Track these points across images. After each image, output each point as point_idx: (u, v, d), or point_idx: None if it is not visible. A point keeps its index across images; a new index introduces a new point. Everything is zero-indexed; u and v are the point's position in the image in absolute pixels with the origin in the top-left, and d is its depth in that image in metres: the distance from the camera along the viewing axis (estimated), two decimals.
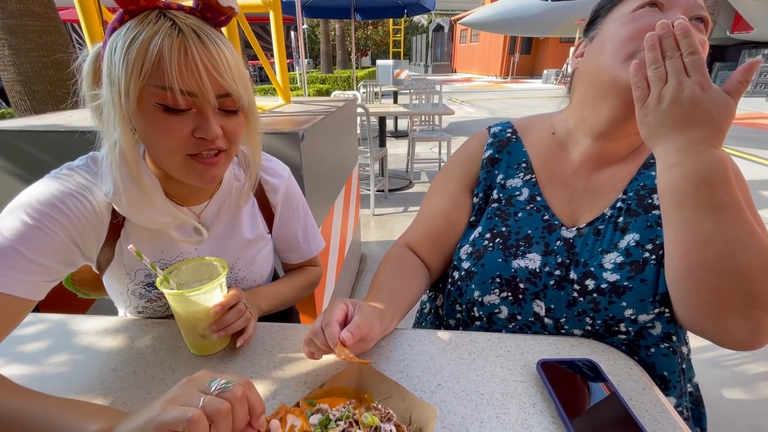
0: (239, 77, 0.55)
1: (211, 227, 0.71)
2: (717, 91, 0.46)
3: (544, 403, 0.51)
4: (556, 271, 0.63)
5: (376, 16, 7.80)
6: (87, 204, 0.58)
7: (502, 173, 0.74)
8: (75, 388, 0.54)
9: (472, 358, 0.59)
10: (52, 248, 0.54)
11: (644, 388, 0.53)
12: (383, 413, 0.43)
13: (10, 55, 2.68)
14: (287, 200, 0.81)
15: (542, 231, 0.67)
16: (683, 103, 0.47)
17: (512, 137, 0.76)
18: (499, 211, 0.71)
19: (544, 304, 0.64)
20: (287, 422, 0.43)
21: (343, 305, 0.55)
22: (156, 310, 0.72)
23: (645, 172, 0.65)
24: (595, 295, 0.60)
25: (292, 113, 1.53)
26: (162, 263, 0.68)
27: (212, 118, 0.54)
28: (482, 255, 0.68)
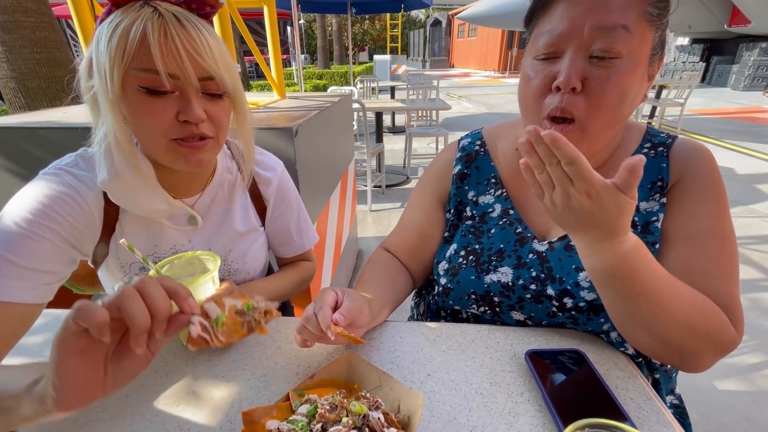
0: (221, 61, 0.56)
1: (204, 219, 0.72)
2: (606, 194, 0.42)
3: (532, 392, 0.52)
4: (531, 285, 0.63)
5: (373, 10, 7.76)
6: (75, 205, 0.58)
7: (473, 189, 0.74)
8: None
9: (462, 349, 0.60)
10: (44, 253, 0.55)
11: (630, 377, 0.54)
12: (371, 401, 0.44)
13: (3, 51, 2.66)
14: (280, 194, 0.81)
15: (514, 244, 0.67)
16: (575, 211, 0.44)
17: (480, 150, 0.76)
18: (473, 228, 0.72)
19: (522, 314, 0.65)
20: (225, 304, 0.45)
21: (333, 292, 0.56)
22: None
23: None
24: (573, 313, 0.61)
25: (287, 108, 1.53)
26: (155, 257, 0.69)
27: (195, 101, 0.55)
28: (457, 272, 0.68)
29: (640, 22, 0.50)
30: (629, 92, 0.52)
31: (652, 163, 0.61)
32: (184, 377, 0.55)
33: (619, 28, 0.49)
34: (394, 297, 0.69)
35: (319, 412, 0.41)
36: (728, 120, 6.67)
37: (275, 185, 0.80)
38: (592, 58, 0.51)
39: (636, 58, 0.51)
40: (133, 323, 0.35)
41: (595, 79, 0.51)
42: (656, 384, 0.65)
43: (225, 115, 0.61)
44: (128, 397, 0.52)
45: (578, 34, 0.51)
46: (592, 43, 0.51)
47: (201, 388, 0.53)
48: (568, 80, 0.51)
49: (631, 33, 0.50)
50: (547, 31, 0.54)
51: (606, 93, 0.51)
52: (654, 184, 0.61)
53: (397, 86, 6.52)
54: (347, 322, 0.51)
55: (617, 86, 0.51)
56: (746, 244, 2.62)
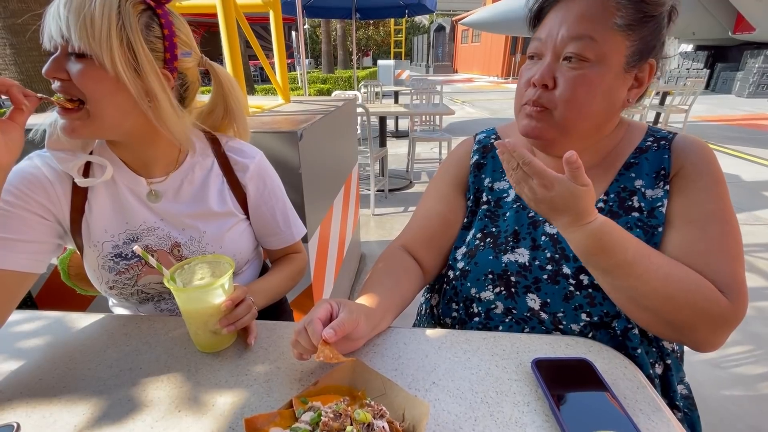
0: (78, 19, 0.55)
1: (175, 198, 0.74)
2: (559, 184, 0.52)
3: (538, 402, 0.51)
4: (547, 266, 0.65)
5: (377, 16, 7.79)
6: (38, 183, 0.65)
7: (489, 176, 0.78)
8: (71, 384, 0.54)
9: (467, 357, 0.59)
10: (21, 225, 0.62)
11: (638, 387, 0.53)
12: (376, 410, 0.43)
13: (12, 54, 2.68)
14: (260, 181, 0.81)
15: (528, 227, 0.70)
16: (541, 202, 0.54)
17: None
18: (489, 212, 0.75)
19: (538, 297, 0.65)
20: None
21: (327, 305, 0.55)
22: (125, 284, 0.73)
23: (625, 173, 0.67)
24: (590, 290, 0.62)
25: (292, 112, 1.54)
26: (128, 234, 0.71)
27: (55, 59, 0.57)
28: (475, 254, 0.71)
29: (608, 32, 0.57)
30: (596, 89, 0.58)
31: (655, 155, 0.67)
32: (187, 382, 0.55)
33: (585, 38, 0.57)
34: (399, 302, 0.69)
35: (322, 420, 0.41)
36: (733, 127, 6.64)
37: (253, 171, 0.80)
38: (564, 60, 0.59)
39: (605, 63, 0.58)
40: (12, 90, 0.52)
41: (564, 76, 0.59)
42: (668, 370, 0.66)
43: (87, 80, 0.57)
44: (130, 401, 0.51)
45: (553, 41, 0.60)
46: (564, 48, 0.59)
47: (203, 394, 0.53)
48: (540, 78, 0.60)
49: (598, 42, 0.57)
50: (536, 37, 0.63)
51: (572, 88, 0.58)
52: (658, 173, 0.65)
53: (400, 91, 6.54)
54: (338, 337, 0.51)
55: (583, 84, 0.58)
56: (751, 251, 2.60)
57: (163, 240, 0.73)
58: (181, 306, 0.59)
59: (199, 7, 1.59)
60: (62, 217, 0.68)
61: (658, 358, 0.65)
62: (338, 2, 6.49)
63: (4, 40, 2.65)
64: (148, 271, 0.73)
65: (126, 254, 0.71)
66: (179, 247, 0.74)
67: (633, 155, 0.68)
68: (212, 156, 0.78)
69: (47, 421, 0.49)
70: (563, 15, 0.59)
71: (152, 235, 0.72)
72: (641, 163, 0.67)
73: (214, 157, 0.78)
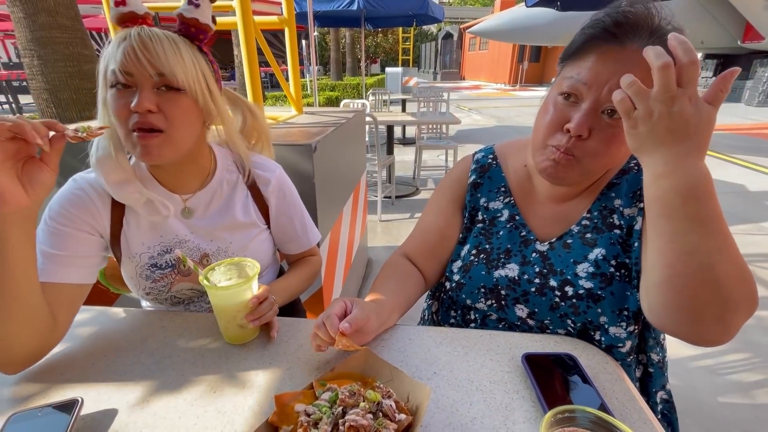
0: (174, 59, 0.65)
1: (205, 213, 0.82)
2: (702, 104, 0.47)
3: (527, 390, 0.58)
4: (535, 279, 0.71)
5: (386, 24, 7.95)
6: (81, 203, 0.72)
7: (485, 196, 0.83)
8: (119, 369, 0.63)
9: (465, 351, 0.66)
10: (77, 243, 0.70)
11: (616, 380, 0.60)
12: (384, 391, 0.51)
13: (39, 65, 2.83)
14: (280, 192, 0.90)
15: (519, 245, 0.76)
16: (673, 118, 0.47)
17: (492, 162, 0.85)
18: (483, 230, 0.80)
19: (526, 308, 0.71)
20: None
21: (342, 302, 0.63)
22: (160, 291, 0.81)
23: (607, 192, 0.72)
24: (574, 300, 0.68)
25: (305, 125, 1.63)
26: (163, 246, 0.79)
27: (144, 93, 0.64)
28: (469, 269, 0.77)
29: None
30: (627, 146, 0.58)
31: (635, 177, 0.71)
32: (219, 369, 0.63)
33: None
34: (404, 302, 0.76)
35: (340, 397, 0.48)
36: (741, 136, 6.63)
37: (274, 184, 0.88)
38: (603, 113, 0.59)
39: None
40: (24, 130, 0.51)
41: (601, 132, 0.60)
42: (649, 377, 0.72)
43: (179, 111, 0.67)
44: (171, 383, 0.60)
45: (598, 91, 0.58)
46: (607, 102, 0.58)
47: (234, 378, 0.61)
48: (578, 128, 0.60)
49: None
50: (575, 75, 0.61)
51: (607, 146, 0.61)
52: (635, 193, 0.69)
53: (408, 99, 6.65)
54: (353, 330, 0.59)
55: (617, 142, 0.60)
56: (755, 261, 2.63)
57: (192, 251, 0.81)
58: (213, 302, 0.67)
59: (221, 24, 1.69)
60: (104, 232, 0.76)
61: (638, 364, 0.72)
62: (348, 12, 6.64)
63: (32, 51, 2.80)
64: (180, 279, 0.82)
65: (161, 264, 0.79)
66: (208, 257, 0.82)
67: (616, 176, 0.72)
68: (237, 171, 0.86)
69: (102, 398, 0.57)
70: (613, 66, 0.57)
71: (183, 247, 0.80)
72: (622, 183, 0.71)
73: (239, 173, 0.86)
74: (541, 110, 0.68)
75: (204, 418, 0.54)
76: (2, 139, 0.52)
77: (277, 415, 0.48)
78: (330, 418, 0.46)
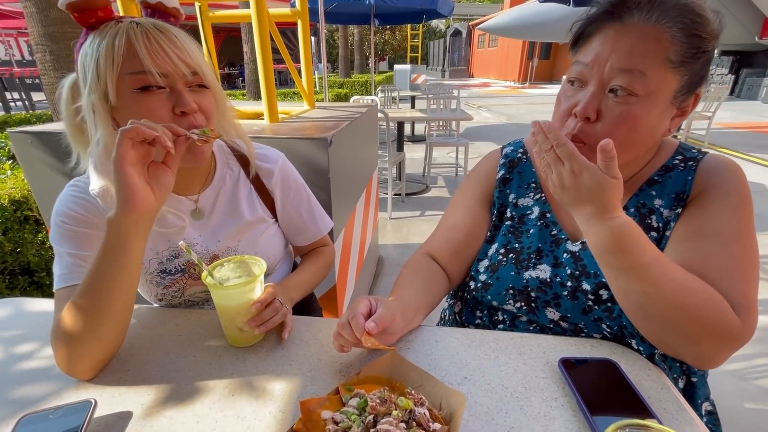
0: (200, 57, 0.64)
1: (211, 213, 0.78)
2: (588, 172, 0.51)
3: (566, 398, 0.54)
4: (568, 282, 0.67)
5: (395, 21, 7.88)
6: (89, 204, 0.68)
7: (514, 192, 0.78)
8: (133, 368, 0.60)
9: (496, 355, 0.62)
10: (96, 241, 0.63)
11: (662, 388, 0.56)
12: (416, 398, 0.47)
13: (51, 60, 2.83)
14: (285, 184, 0.86)
15: (551, 245, 0.71)
16: (568, 189, 0.54)
17: (522, 157, 0.81)
18: (512, 228, 0.76)
19: (558, 311, 0.67)
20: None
21: (366, 301, 0.60)
22: (173, 296, 0.78)
23: (647, 189, 0.67)
24: (609, 304, 0.63)
25: (319, 119, 1.59)
26: (171, 251, 0.75)
27: (186, 93, 0.62)
28: (497, 269, 0.73)
29: (660, 68, 0.55)
30: (641, 127, 0.57)
31: (679, 176, 0.65)
32: (237, 370, 0.60)
33: (636, 72, 0.54)
34: (428, 302, 0.72)
35: (370, 404, 0.45)
36: (759, 134, 6.46)
37: (278, 176, 0.84)
38: (610, 92, 0.57)
39: (653, 99, 0.56)
40: (156, 129, 0.53)
41: (608, 112, 0.57)
42: (693, 387, 0.67)
43: (211, 106, 0.67)
44: (187, 384, 0.57)
45: (600, 70, 0.57)
46: (611, 80, 0.56)
47: (253, 380, 0.57)
48: (583, 110, 0.58)
49: (648, 77, 0.54)
50: (580, 61, 0.60)
51: (617, 126, 0.57)
52: (678, 195, 0.65)
53: (417, 96, 6.60)
54: (379, 330, 0.55)
55: (628, 121, 0.56)
56: None
57: (201, 254, 0.77)
58: (215, 300, 0.64)
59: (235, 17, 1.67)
60: None
61: (681, 373, 0.67)
62: (357, 8, 6.60)
63: (44, 47, 2.80)
64: (192, 283, 0.78)
65: (170, 270, 0.76)
66: (217, 258, 0.78)
67: (658, 172, 0.67)
68: (238, 165, 0.83)
69: (117, 400, 0.54)
70: (613, 43, 0.56)
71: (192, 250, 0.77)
72: (665, 181, 0.66)
73: (240, 166, 0.83)
74: (556, 101, 0.66)
75: (223, 423, 0.50)
76: (137, 142, 0.52)
77: (302, 423, 0.45)
78: (360, 427, 0.43)
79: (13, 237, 1.60)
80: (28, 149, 1.32)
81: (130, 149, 0.52)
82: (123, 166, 0.52)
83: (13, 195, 1.61)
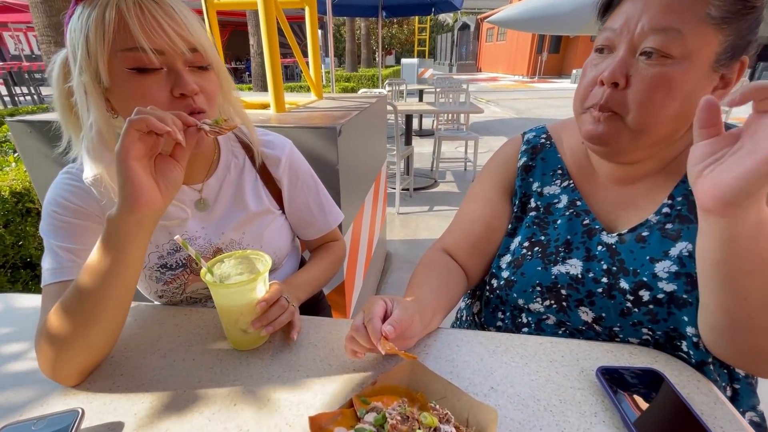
0: (201, 32, 0.57)
1: (215, 203, 0.72)
2: None
3: (606, 413, 0.48)
4: (602, 278, 0.60)
5: (403, 13, 7.77)
6: (84, 194, 0.63)
7: (538, 181, 0.72)
8: (127, 372, 0.55)
9: (525, 362, 0.56)
10: (91, 235, 0.60)
11: (716, 403, 0.49)
12: (441, 414, 0.42)
13: (56, 51, 2.80)
14: (293, 172, 0.80)
15: (582, 236, 0.64)
16: None
17: (546, 143, 0.74)
18: (537, 219, 0.70)
19: (592, 312, 0.61)
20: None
21: (382, 302, 0.54)
22: (174, 293, 0.73)
23: None
24: (651, 306, 0.56)
25: (327, 108, 1.53)
26: (172, 245, 0.70)
27: (185, 73, 0.56)
28: (521, 264, 0.66)
29: (699, 25, 0.48)
30: (678, 92, 0.51)
31: None
32: (240, 376, 0.54)
33: (671, 31, 0.49)
34: (446, 302, 0.67)
35: (390, 422, 0.39)
36: None
37: (285, 164, 0.79)
38: (641, 55, 0.51)
39: (691, 61, 0.49)
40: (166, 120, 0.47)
41: (639, 76, 0.52)
42: (735, 395, 0.60)
43: (214, 88, 0.61)
44: (185, 392, 0.51)
45: (630, 32, 0.51)
46: (643, 42, 0.51)
47: (257, 388, 0.52)
48: (611, 75, 0.52)
49: (685, 36, 0.48)
50: (609, 27, 0.55)
51: (649, 90, 0.51)
52: None
53: (425, 89, 6.50)
54: (397, 334, 0.49)
55: (662, 84, 0.50)
56: None
57: (204, 248, 0.72)
58: (215, 301, 0.58)
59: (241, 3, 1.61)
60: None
61: (729, 381, 0.60)
62: (365, 0, 6.50)
63: (49, 37, 2.77)
64: (194, 279, 0.73)
65: (171, 264, 0.71)
66: (221, 251, 0.73)
67: None
68: (243, 152, 0.77)
69: (107, 408, 0.49)
70: (645, 1, 0.51)
71: (194, 244, 0.71)
72: None
73: (245, 154, 0.77)
74: (580, 76, 0.60)
75: None
76: (143, 132, 0.46)
77: None
78: None
79: (14, 230, 1.56)
80: (28, 139, 1.27)
81: (137, 141, 0.46)
82: (128, 160, 0.46)
83: (14, 187, 1.58)
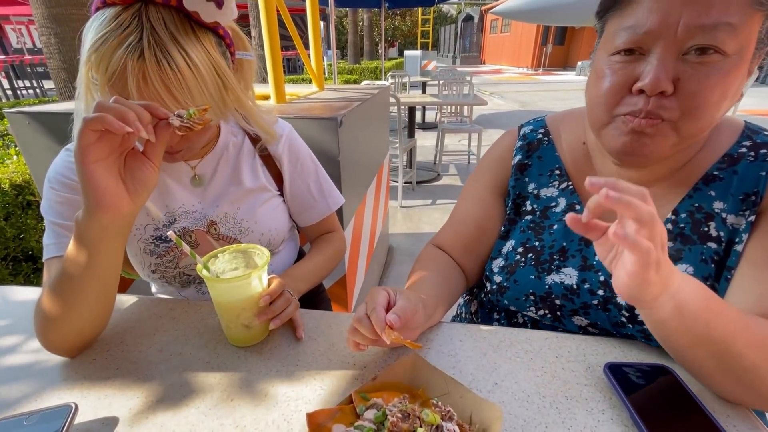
0: (196, 88, 0.53)
1: (211, 180, 0.73)
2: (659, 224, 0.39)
3: (614, 410, 0.46)
4: (599, 290, 0.57)
5: (406, 4, 7.68)
6: None
7: (534, 181, 0.68)
8: (123, 366, 0.54)
9: (530, 357, 0.55)
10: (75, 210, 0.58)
11: (728, 401, 0.48)
12: (443, 411, 0.40)
13: (56, 43, 2.78)
14: (292, 154, 0.80)
15: (579, 243, 0.61)
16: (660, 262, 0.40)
17: (544, 139, 0.70)
18: (533, 224, 0.66)
19: (587, 319, 0.59)
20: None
21: (384, 292, 0.52)
22: (167, 267, 0.73)
23: (703, 189, 0.54)
24: (645, 326, 0.53)
25: (328, 99, 1.51)
26: (168, 216, 0.70)
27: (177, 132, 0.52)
28: (514, 270, 0.63)
29: (747, 12, 0.42)
30: (731, 91, 0.46)
31: (749, 169, 0.52)
32: (237, 370, 0.53)
33: (722, 26, 0.42)
34: (448, 296, 0.65)
35: (390, 420, 0.38)
36: None
37: (284, 143, 0.79)
38: (685, 55, 0.45)
39: (743, 55, 0.44)
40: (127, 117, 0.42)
41: (691, 79, 0.45)
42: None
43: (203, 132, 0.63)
44: (181, 386, 0.50)
45: (670, 32, 0.44)
46: (687, 41, 0.44)
47: (255, 383, 0.51)
48: (656, 82, 0.44)
49: (738, 29, 0.42)
50: (630, 26, 0.47)
51: (704, 95, 0.45)
52: (747, 196, 0.52)
53: (428, 82, 6.43)
54: (402, 324, 0.47)
55: (717, 87, 0.44)
56: None
57: (199, 221, 0.72)
58: (213, 297, 0.56)
59: None
60: None
61: None
62: None
63: (49, 29, 2.75)
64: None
65: (166, 237, 0.71)
66: (215, 225, 0.73)
67: (717, 165, 0.54)
68: (242, 132, 0.77)
69: (101, 403, 0.48)
70: None
71: (189, 217, 0.72)
72: (727, 178, 0.53)
73: (245, 134, 0.77)
74: (591, 79, 0.54)
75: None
76: (101, 130, 0.42)
77: None
78: None
79: (15, 222, 1.56)
80: (26, 131, 1.26)
81: (96, 142, 0.43)
82: (86, 164, 0.43)
83: (14, 179, 1.57)
